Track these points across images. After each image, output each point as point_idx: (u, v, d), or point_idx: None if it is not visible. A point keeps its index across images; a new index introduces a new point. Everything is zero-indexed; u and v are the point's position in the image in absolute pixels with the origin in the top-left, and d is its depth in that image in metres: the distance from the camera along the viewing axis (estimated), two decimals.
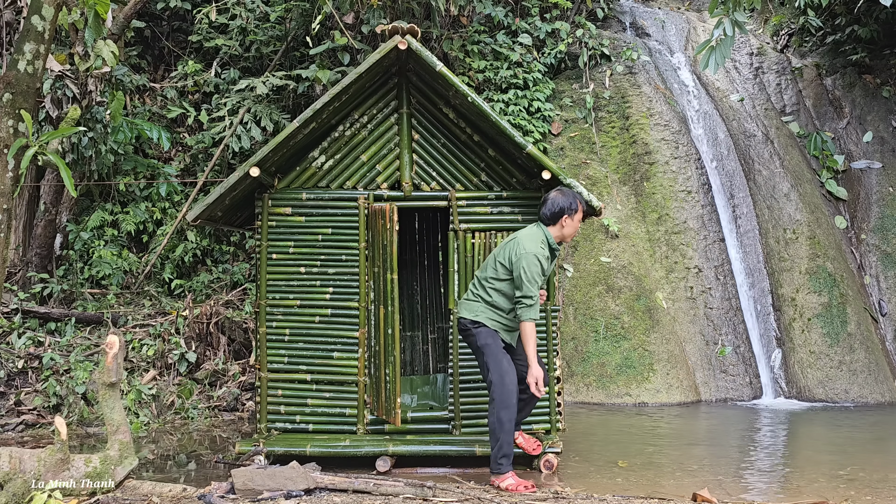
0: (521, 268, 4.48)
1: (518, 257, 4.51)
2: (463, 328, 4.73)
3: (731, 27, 5.65)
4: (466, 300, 4.76)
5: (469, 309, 4.69)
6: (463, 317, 4.71)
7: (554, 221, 4.66)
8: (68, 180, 3.92)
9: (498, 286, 4.63)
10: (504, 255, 4.62)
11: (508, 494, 4.22)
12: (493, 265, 4.66)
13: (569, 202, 4.65)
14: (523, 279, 4.46)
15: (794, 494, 4.58)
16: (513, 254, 4.55)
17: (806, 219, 9.54)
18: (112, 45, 5.88)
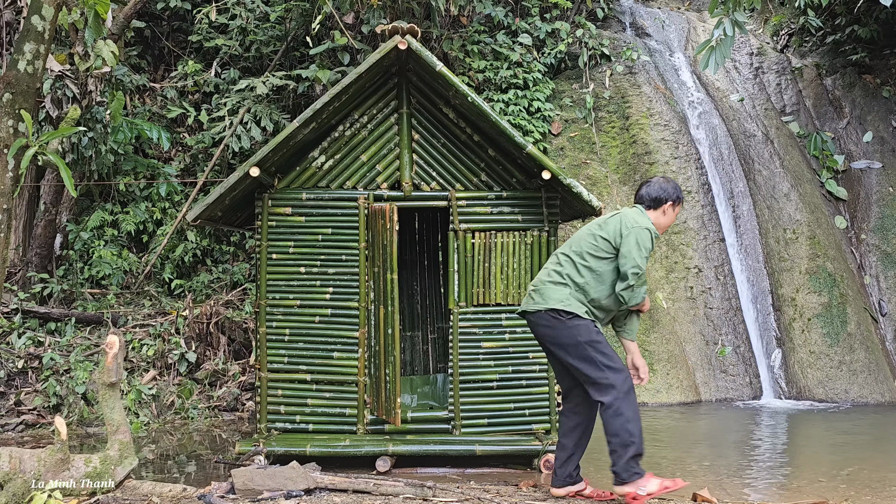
0: (634, 239, 3.86)
1: (629, 230, 3.90)
2: (545, 322, 3.95)
3: (731, 27, 5.65)
4: (550, 283, 4.00)
5: (556, 296, 3.95)
6: (551, 307, 3.93)
7: (657, 206, 4.11)
8: (68, 180, 3.92)
9: (593, 264, 3.96)
10: (608, 229, 3.99)
11: (509, 495, 4.21)
12: (592, 240, 4.01)
13: (676, 190, 4.16)
14: (633, 253, 3.83)
15: (794, 494, 4.58)
16: (622, 226, 3.94)
17: (806, 219, 9.54)
18: (112, 45, 5.89)
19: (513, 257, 5.40)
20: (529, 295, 4.11)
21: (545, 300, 3.97)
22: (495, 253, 5.40)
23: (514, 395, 5.38)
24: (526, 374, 5.39)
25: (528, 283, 5.38)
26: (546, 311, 3.95)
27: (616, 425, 3.78)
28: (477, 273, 5.40)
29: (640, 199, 4.18)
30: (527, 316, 4.10)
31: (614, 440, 3.79)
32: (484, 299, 5.40)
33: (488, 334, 5.39)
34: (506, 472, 5.06)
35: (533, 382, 5.38)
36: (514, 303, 5.40)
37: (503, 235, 5.40)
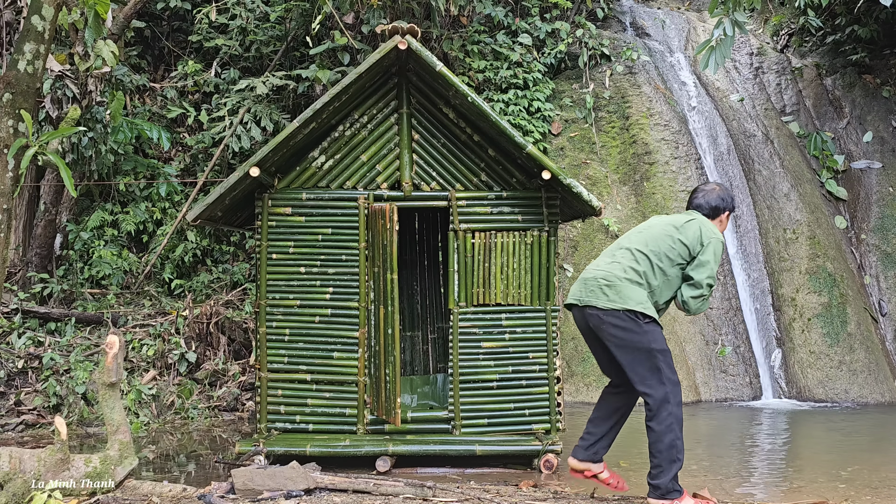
0: (713, 250, 3.78)
1: (709, 241, 3.81)
2: (618, 321, 3.75)
3: (731, 27, 5.65)
4: (628, 281, 3.80)
5: (636, 297, 3.77)
6: (630, 308, 3.74)
7: (715, 215, 4.04)
8: (68, 180, 3.92)
9: (667, 268, 3.84)
10: (688, 234, 3.86)
11: (509, 495, 4.21)
12: (671, 242, 3.85)
13: (733, 199, 4.11)
14: (712, 264, 3.75)
15: (794, 494, 4.58)
16: (703, 236, 3.83)
17: (806, 219, 9.54)
18: (112, 45, 5.88)
19: (513, 257, 5.40)
20: (600, 289, 3.84)
21: (623, 299, 3.77)
22: (495, 253, 5.40)
23: (514, 395, 5.38)
24: (526, 374, 5.39)
25: (528, 282, 5.39)
26: (623, 311, 3.75)
27: (667, 440, 3.71)
28: (477, 273, 5.40)
29: (697, 207, 4.08)
30: (591, 311, 3.85)
31: (662, 454, 3.71)
32: (484, 299, 5.40)
33: (488, 334, 5.39)
34: (506, 472, 5.06)
35: (533, 382, 5.39)
36: (513, 303, 5.40)
37: (503, 235, 5.40)
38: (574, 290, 4.01)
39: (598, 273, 3.91)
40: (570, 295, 4.03)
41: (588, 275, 3.96)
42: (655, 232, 3.94)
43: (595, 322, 3.86)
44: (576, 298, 3.97)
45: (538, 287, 5.42)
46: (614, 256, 3.95)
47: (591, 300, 3.84)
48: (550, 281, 5.42)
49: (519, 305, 5.41)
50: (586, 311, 3.88)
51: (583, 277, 3.98)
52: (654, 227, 3.99)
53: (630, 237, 4.02)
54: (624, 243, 3.99)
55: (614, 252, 3.99)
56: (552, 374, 5.39)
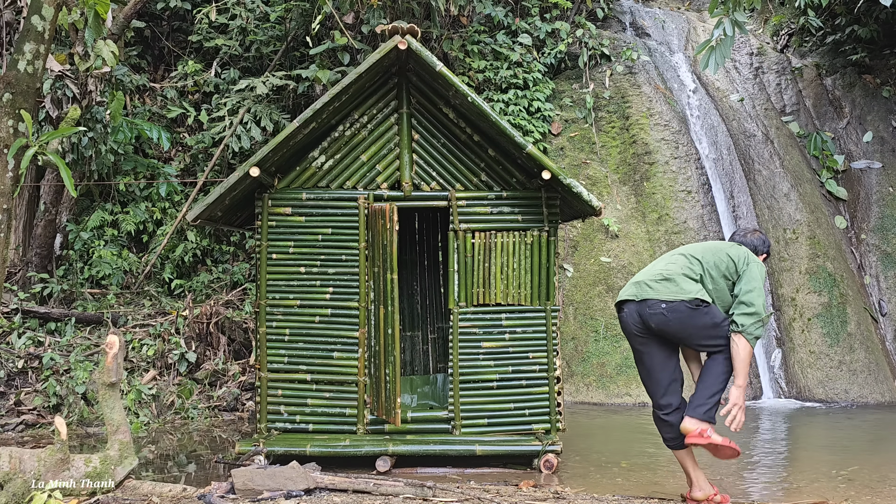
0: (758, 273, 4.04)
1: (754, 261, 4.08)
2: (679, 311, 3.95)
3: (731, 27, 5.65)
4: (685, 277, 4.03)
5: (694, 288, 4.00)
6: (695, 297, 3.96)
7: (758, 255, 4.31)
8: (68, 180, 3.92)
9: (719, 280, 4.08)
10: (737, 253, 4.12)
11: (509, 495, 4.21)
12: (725, 257, 4.10)
13: (769, 245, 4.43)
14: (759, 290, 3.99)
15: (794, 494, 4.58)
16: (749, 257, 4.10)
17: (806, 219, 9.54)
18: (112, 45, 5.88)
19: (513, 257, 5.40)
20: (659, 283, 4.04)
21: (684, 291, 3.99)
22: (495, 253, 5.40)
23: (514, 395, 5.38)
24: (526, 374, 5.39)
25: (528, 282, 5.39)
26: (686, 300, 3.97)
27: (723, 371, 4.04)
28: (477, 273, 5.40)
29: (742, 244, 4.31)
30: (651, 303, 4.01)
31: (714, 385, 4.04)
32: (484, 299, 5.40)
33: (488, 334, 5.39)
34: (506, 472, 5.06)
35: (533, 382, 5.38)
36: (514, 302, 5.40)
37: (503, 235, 5.40)
38: (626, 290, 4.20)
39: (654, 273, 4.15)
40: (623, 294, 4.20)
41: (642, 277, 4.19)
42: (708, 245, 4.26)
43: (656, 315, 4.01)
44: (630, 295, 4.13)
45: (538, 287, 5.42)
46: (666, 260, 4.22)
47: (651, 294, 4.04)
48: (550, 281, 5.42)
49: (519, 305, 5.41)
50: (645, 304, 4.04)
51: (635, 281, 4.19)
52: (708, 243, 4.32)
53: (684, 248, 4.30)
54: (678, 251, 4.28)
55: (670, 258, 4.24)
56: (552, 374, 5.39)
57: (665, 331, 4.04)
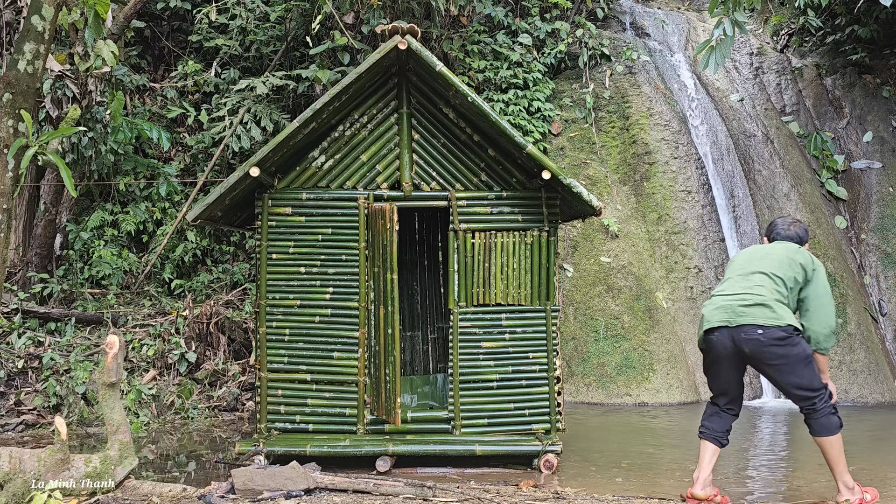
0: (823, 277, 4.16)
1: (818, 266, 4.18)
2: (777, 337, 4.00)
3: (731, 27, 5.65)
4: (779, 303, 4.07)
5: (787, 315, 4.05)
6: (789, 323, 4.02)
7: (801, 244, 4.40)
8: (68, 180, 3.92)
9: (794, 293, 4.17)
10: (804, 257, 4.20)
11: (509, 495, 4.21)
12: (795, 267, 4.17)
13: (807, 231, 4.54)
14: (825, 291, 4.12)
15: (794, 494, 4.58)
16: (813, 261, 4.20)
17: (806, 219, 9.54)
18: (112, 45, 5.89)
19: (513, 257, 5.40)
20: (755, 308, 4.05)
21: (780, 317, 4.03)
22: (495, 253, 5.40)
23: (514, 395, 5.38)
24: (526, 374, 5.39)
25: (528, 282, 5.39)
26: (784, 326, 4.02)
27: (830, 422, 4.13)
28: (477, 273, 5.40)
29: (788, 238, 4.39)
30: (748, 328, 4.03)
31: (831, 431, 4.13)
32: (484, 299, 5.40)
33: (488, 334, 5.39)
34: (506, 472, 5.06)
35: (533, 382, 5.38)
36: (513, 302, 5.40)
37: (503, 235, 5.40)
38: (714, 315, 4.16)
39: (744, 297, 4.11)
40: (711, 319, 4.16)
41: (729, 301, 4.15)
42: (779, 257, 4.21)
43: (752, 341, 4.03)
44: (722, 321, 4.11)
45: (538, 287, 5.42)
46: (751, 280, 4.17)
47: (747, 320, 4.04)
48: (550, 281, 5.42)
49: (519, 305, 5.41)
50: (740, 329, 4.04)
51: (722, 304, 4.16)
52: (776, 252, 4.26)
53: (757, 263, 4.24)
54: (755, 267, 4.22)
55: (748, 276, 4.20)
56: (552, 374, 5.39)
57: (758, 357, 4.08)
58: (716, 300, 4.22)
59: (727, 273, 4.40)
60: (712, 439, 4.32)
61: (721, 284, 4.35)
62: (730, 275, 4.33)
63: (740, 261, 4.37)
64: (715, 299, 4.24)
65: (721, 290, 4.27)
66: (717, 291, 4.30)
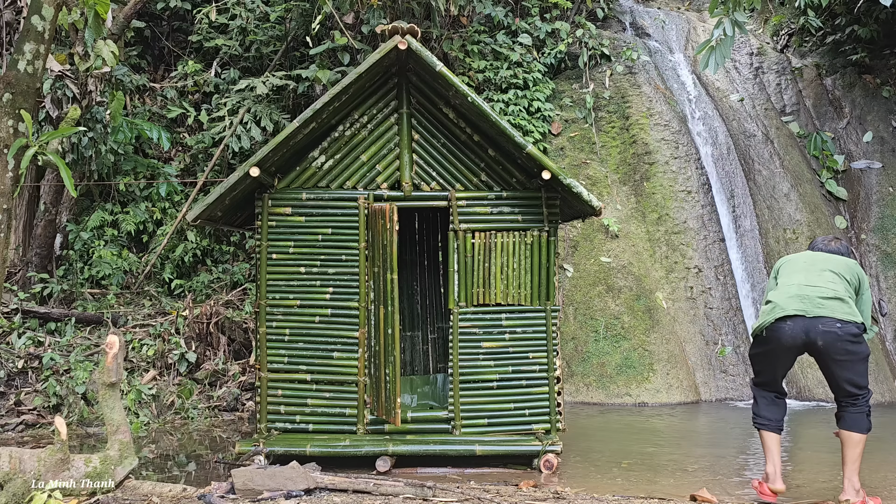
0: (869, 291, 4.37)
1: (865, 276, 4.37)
2: (853, 334, 4.11)
3: (731, 27, 5.65)
4: (850, 300, 4.21)
5: (856, 311, 4.18)
6: (861, 321, 4.16)
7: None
8: (68, 180, 3.92)
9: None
10: (859, 269, 4.40)
11: (509, 495, 4.21)
12: (856, 273, 4.35)
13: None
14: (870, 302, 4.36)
15: (794, 494, 4.58)
16: (866, 276, 4.40)
17: (806, 219, 9.54)
18: (112, 45, 5.89)
19: (513, 257, 5.40)
20: (833, 302, 4.13)
21: (854, 314, 4.15)
22: (495, 253, 5.40)
23: (514, 395, 5.38)
24: (526, 374, 5.39)
25: (528, 282, 5.39)
26: (854, 324, 4.12)
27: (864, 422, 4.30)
28: (477, 273, 5.40)
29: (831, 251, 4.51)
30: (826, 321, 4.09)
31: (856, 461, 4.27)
32: (484, 299, 5.40)
33: (488, 334, 5.39)
34: (506, 472, 5.06)
35: (533, 382, 5.38)
36: (513, 302, 5.40)
37: (503, 235, 5.40)
38: (789, 303, 4.20)
39: (822, 289, 4.19)
40: (786, 307, 4.19)
41: (807, 290, 4.21)
42: (842, 262, 4.37)
43: (830, 334, 4.09)
44: (799, 310, 4.16)
45: (538, 287, 5.42)
46: (823, 276, 4.27)
47: (826, 312, 4.12)
48: (550, 281, 5.42)
49: (519, 305, 5.41)
50: (818, 321, 4.11)
51: (797, 294, 4.22)
52: (837, 258, 4.41)
53: (822, 264, 4.35)
54: (823, 266, 4.33)
55: (820, 273, 4.30)
56: (552, 374, 5.39)
57: (828, 350, 4.13)
58: (788, 289, 4.24)
59: (787, 271, 4.42)
60: (775, 429, 4.40)
61: (787, 278, 4.35)
62: (793, 271, 4.37)
63: (802, 261, 4.43)
64: (787, 288, 4.25)
65: (790, 281, 4.29)
66: (784, 282, 4.32)
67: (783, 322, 4.17)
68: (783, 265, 4.51)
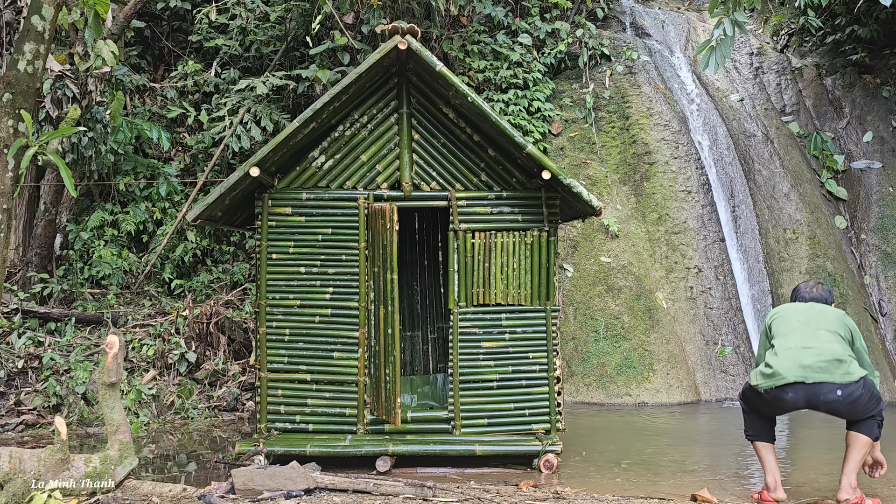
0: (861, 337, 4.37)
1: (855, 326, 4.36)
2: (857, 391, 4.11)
3: (731, 27, 5.65)
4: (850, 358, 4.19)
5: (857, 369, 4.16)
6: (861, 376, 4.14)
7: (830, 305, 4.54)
8: (68, 180, 3.92)
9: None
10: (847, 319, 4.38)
11: (509, 495, 4.21)
12: (849, 329, 4.34)
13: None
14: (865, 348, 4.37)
15: (794, 494, 4.58)
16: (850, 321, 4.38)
17: (806, 219, 9.54)
18: (112, 45, 5.89)
19: (513, 257, 5.40)
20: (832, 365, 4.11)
21: (853, 374, 4.13)
22: (495, 253, 5.40)
23: (514, 395, 5.38)
24: (526, 374, 5.39)
25: (528, 282, 5.40)
26: (854, 384, 4.11)
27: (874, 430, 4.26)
28: (477, 273, 5.40)
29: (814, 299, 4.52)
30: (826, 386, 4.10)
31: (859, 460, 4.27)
32: (484, 299, 5.40)
33: (488, 334, 5.39)
34: (506, 472, 5.06)
35: (533, 382, 5.39)
36: (514, 302, 5.40)
37: (503, 235, 5.40)
38: (788, 370, 4.16)
39: (819, 351, 4.17)
40: (786, 375, 4.16)
41: (803, 354, 4.17)
42: (834, 316, 4.36)
43: (831, 402, 4.12)
44: (799, 377, 4.14)
45: (538, 287, 5.42)
46: (819, 336, 4.24)
47: (825, 377, 4.11)
48: (550, 281, 5.42)
49: (519, 305, 5.41)
50: (818, 388, 4.12)
51: (795, 358, 4.17)
52: (827, 311, 4.40)
53: (816, 321, 4.32)
54: (816, 324, 4.30)
55: (815, 332, 4.27)
56: (552, 374, 5.39)
57: (833, 412, 4.19)
58: (786, 354, 4.19)
59: (782, 331, 4.34)
60: (768, 439, 4.43)
61: (782, 339, 4.29)
62: (789, 332, 4.31)
63: (795, 319, 4.36)
64: (785, 353, 4.20)
65: (788, 344, 4.24)
66: (782, 344, 4.26)
67: (783, 390, 4.18)
68: (775, 321, 4.44)
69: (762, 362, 4.34)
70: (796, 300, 4.61)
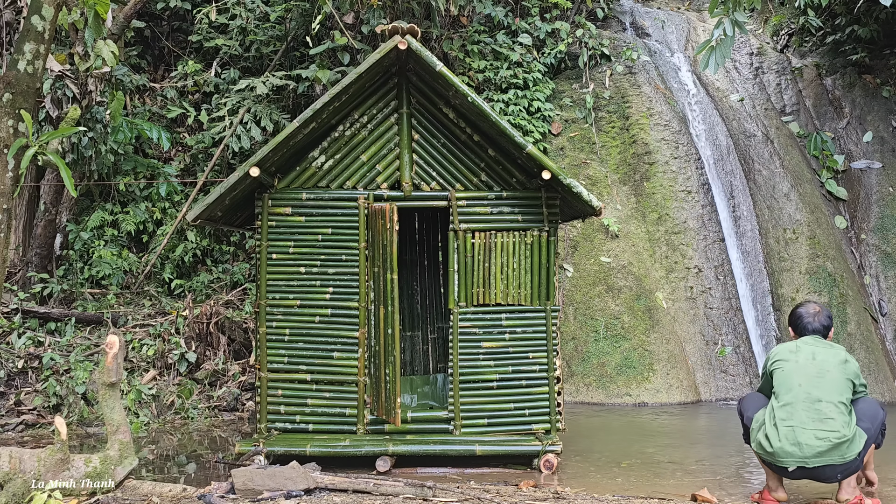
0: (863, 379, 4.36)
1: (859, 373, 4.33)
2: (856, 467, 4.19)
3: (731, 27, 5.65)
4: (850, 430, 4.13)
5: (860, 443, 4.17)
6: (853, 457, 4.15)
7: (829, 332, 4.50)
8: (68, 180, 3.92)
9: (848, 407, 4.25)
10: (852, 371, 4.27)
11: (509, 495, 4.21)
12: (850, 387, 4.26)
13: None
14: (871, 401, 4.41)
15: (793, 494, 4.58)
16: (860, 375, 4.33)
17: (806, 219, 9.54)
18: (112, 45, 5.89)
19: (513, 257, 5.40)
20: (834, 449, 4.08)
21: (854, 449, 4.14)
22: (495, 253, 5.40)
23: (514, 395, 5.38)
24: (526, 374, 5.39)
25: (528, 282, 5.40)
26: (856, 459, 4.15)
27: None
28: (477, 273, 5.40)
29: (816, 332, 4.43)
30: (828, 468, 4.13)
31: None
32: (484, 299, 5.41)
33: (488, 334, 5.39)
34: (506, 472, 5.06)
35: (533, 382, 5.39)
36: (513, 302, 5.41)
37: (503, 235, 5.40)
38: (788, 454, 4.13)
39: (818, 434, 4.09)
40: (785, 459, 4.14)
41: (802, 437, 4.10)
42: (836, 378, 4.21)
43: (831, 478, 4.19)
44: (799, 462, 4.13)
45: (538, 287, 5.42)
46: (820, 410, 4.13)
47: (826, 461, 4.10)
48: (550, 281, 5.42)
49: (519, 305, 5.41)
50: (819, 471, 4.14)
51: (794, 439, 4.11)
52: (831, 372, 4.22)
53: (817, 387, 4.18)
54: (817, 394, 4.17)
55: (815, 405, 4.15)
56: (552, 374, 5.39)
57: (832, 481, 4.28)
58: (787, 431, 4.12)
59: (783, 387, 4.24)
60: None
61: (783, 409, 4.19)
62: (789, 398, 4.19)
63: (797, 380, 4.22)
64: (785, 430, 4.13)
65: (789, 419, 4.16)
66: (782, 417, 4.17)
67: (783, 468, 4.23)
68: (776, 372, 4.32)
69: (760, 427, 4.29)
70: (797, 327, 4.50)
